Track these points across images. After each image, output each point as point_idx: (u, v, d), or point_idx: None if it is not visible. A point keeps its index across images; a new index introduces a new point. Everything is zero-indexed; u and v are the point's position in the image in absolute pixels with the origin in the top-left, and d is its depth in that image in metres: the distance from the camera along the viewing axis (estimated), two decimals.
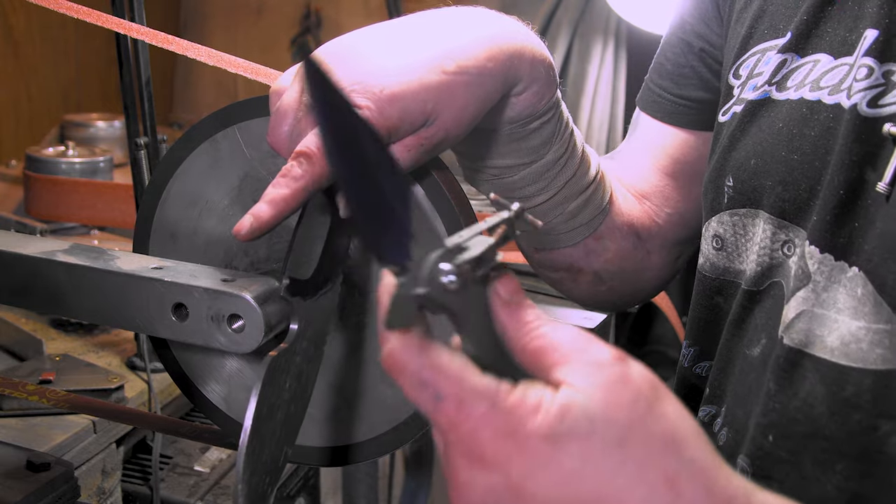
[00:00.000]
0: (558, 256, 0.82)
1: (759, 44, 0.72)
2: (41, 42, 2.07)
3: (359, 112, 0.51)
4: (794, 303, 0.64)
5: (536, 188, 0.75)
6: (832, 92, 0.65)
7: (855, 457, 0.60)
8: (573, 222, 0.79)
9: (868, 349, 0.59)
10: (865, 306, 0.60)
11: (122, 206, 1.47)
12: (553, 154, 0.73)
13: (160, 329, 0.62)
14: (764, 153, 0.68)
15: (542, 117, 0.70)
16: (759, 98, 0.70)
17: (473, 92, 0.61)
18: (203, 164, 0.69)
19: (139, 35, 0.78)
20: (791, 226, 0.66)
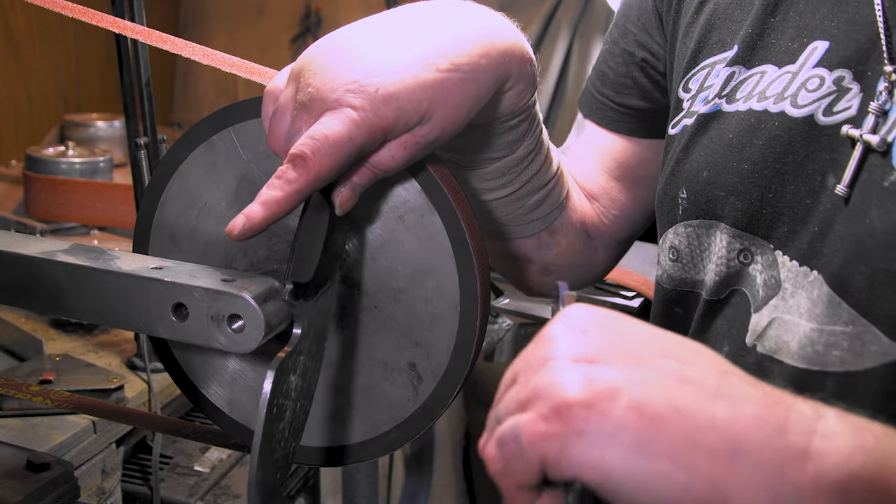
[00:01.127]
0: (512, 246, 0.84)
1: (708, 58, 0.73)
2: (41, 42, 2.07)
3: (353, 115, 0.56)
4: (766, 311, 0.65)
5: (503, 181, 0.76)
6: (777, 101, 0.66)
7: None
8: (531, 215, 0.80)
9: (824, 351, 0.60)
10: (818, 307, 0.61)
11: (122, 206, 1.47)
12: (523, 149, 0.74)
13: (160, 329, 0.62)
14: (715, 164, 0.69)
15: (521, 115, 0.71)
16: (709, 111, 0.71)
17: (468, 89, 0.61)
18: (201, 165, 0.69)
19: (138, 35, 0.78)
20: (746, 234, 0.67)
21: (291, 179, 0.57)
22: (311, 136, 0.57)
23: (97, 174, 1.64)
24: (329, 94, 0.58)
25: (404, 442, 0.69)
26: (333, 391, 0.69)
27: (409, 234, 0.65)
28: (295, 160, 0.57)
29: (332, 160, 0.57)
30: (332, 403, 0.69)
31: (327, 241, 0.61)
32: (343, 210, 0.61)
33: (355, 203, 0.61)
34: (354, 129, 0.57)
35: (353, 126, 0.57)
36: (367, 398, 0.68)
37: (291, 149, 0.58)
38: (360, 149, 0.58)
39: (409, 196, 0.65)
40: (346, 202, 0.61)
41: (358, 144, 0.57)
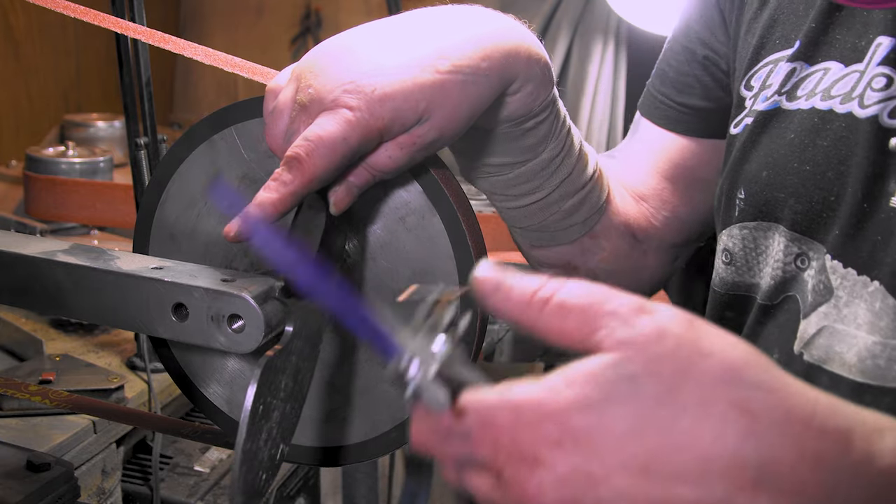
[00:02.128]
0: (554, 254, 0.82)
1: (771, 54, 0.71)
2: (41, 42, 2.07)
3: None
4: (814, 318, 0.63)
5: (531, 186, 0.75)
6: (844, 101, 0.64)
7: None
8: (568, 220, 0.79)
9: (886, 366, 0.58)
10: (882, 321, 0.59)
11: (122, 206, 1.46)
12: (549, 153, 0.73)
13: (160, 329, 0.62)
14: (776, 165, 0.67)
15: (538, 116, 0.70)
16: (769, 109, 0.69)
17: (468, 91, 0.61)
18: (202, 165, 0.69)
19: (139, 35, 0.78)
20: (804, 238, 0.65)
21: (287, 181, 0.57)
22: (306, 138, 0.57)
23: (97, 174, 1.64)
24: (327, 94, 0.58)
25: (404, 442, 0.69)
26: (332, 391, 0.69)
27: (409, 235, 0.65)
28: (290, 162, 0.57)
29: (327, 161, 0.57)
30: (332, 403, 0.69)
31: (323, 241, 0.61)
32: (338, 210, 0.61)
33: (350, 203, 0.61)
34: (349, 129, 0.57)
35: (347, 126, 0.57)
36: (367, 399, 0.68)
37: (288, 150, 0.58)
38: (355, 149, 0.58)
39: (411, 197, 0.65)
40: (341, 202, 0.60)
41: (353, 145, 0.57)
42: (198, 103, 2.63)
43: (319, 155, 0.56)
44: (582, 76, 2.29)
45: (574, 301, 0.42)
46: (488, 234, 0.74)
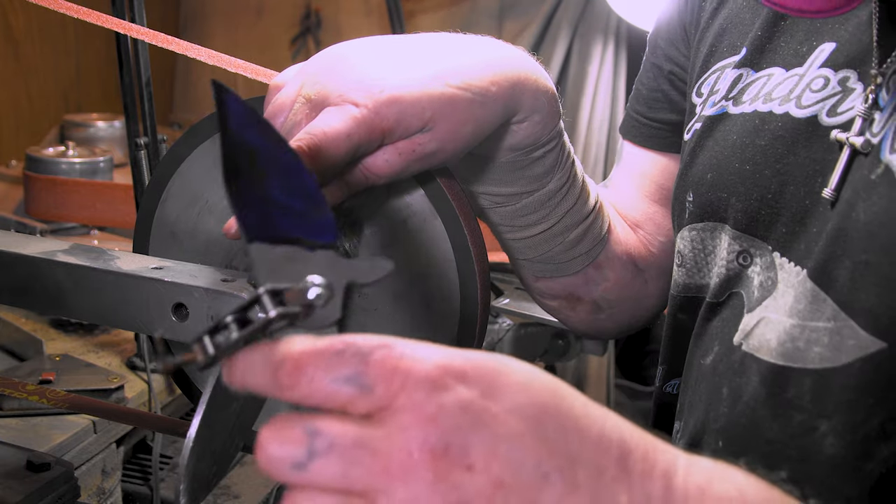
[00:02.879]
0: (558, 285, 0.83)
1: (719, 61, 0.73)
2: (41, 42, 2.07)
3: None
4: (758, 311, 0.65)
5: (538, 217, 0.75)
6: (782, 102, 0.66)
7: (797, 459, 0.60)
8: (573, 251, 0.79)
9: (805, 347, 0.60)
10: (800, 303, 0.61)
11: (122, 206, 1.46)
12: (555, 183, 0.74)
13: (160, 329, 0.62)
14: (719, 166, 0.69)
15: (545, 146, 0.71)
16: (716, 114, 0.71)
17: (474, 111, 0.61)
18: (203, 163, 0.69)
19: (139, 35, 0.78)
20: (746, 236, 0.67)
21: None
22: (309, 131, 0.57)
23: (97, 174, 1.64)
24: (334, 90, 0.59)
25: None
26: None
27: (411, 237, 0.65)
28: None
29: (328, 156, 0.57)
30: None
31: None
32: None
33: (338, 202, 0.61)
34: (354, 125, 0.57)
35: (352, 123, 0.57)
36: None
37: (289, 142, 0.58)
38: (357, 147, 0.58)
39: (413, 200, 0.65)
40: (333, 196, 0.60)
41: (355, 142, 0.57)
42: (198, 103, 2.63)
43: (322, 149, 0.56)
44: (582, 76, 2.29)
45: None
46: (489, 236, 0.74)
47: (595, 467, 0.38)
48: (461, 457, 0.36)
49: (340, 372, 0.38)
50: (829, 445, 0.58)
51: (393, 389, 0.37)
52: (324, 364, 0.38)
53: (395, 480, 0.36)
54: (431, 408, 0.37)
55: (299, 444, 0.37)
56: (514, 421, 0.38)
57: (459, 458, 0.36)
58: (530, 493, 0.37)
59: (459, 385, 0.38)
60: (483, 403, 0.38)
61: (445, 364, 0.38)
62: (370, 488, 0.36)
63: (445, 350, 0.39)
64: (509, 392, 0.38)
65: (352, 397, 0.38)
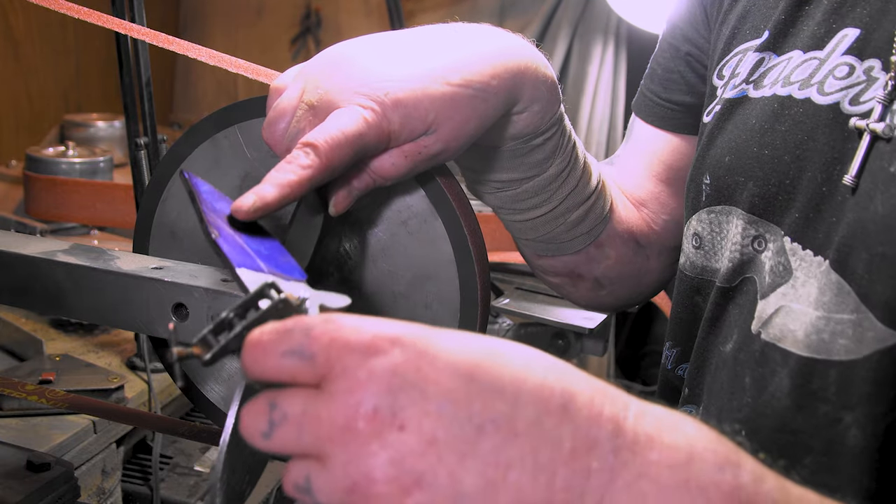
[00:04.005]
0: (559, 263, 0.83)
1: (741, 44, 0.73)
2: (41, 42, 2.07)
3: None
4: (773, 298, 0.64)
5: (538, 200, 0.75)
6: (802, 87, 0.65)
7: (821, 450, 0.60)
8: (575, 231, 0.79)
9: (830, 340, 0.60)
10: (825, 296, 0.60)
11: (122, 206, 1.47)
12: (555, 168, 0.74)
13: (160, 329, 0.62)
14: (737, 150, 0.69)
15: (545, 133, 0.71)
16: (736, 97, 0.71)
17: (476, 107, 0.62)
18: (204, 163, 0.69)
19: (139, 35, 0.78)
20: (761, 221, 0.66)
21: (305, 165, 0.57)
22: (325, 129, 0.57)
23: (97, 174, 1.64)
24: (338, 95, 0.59)
25: None
26: None
27: (411, 238, 0.65)
28: (308, 147, 0.57)
29: (344, 153, 0.57)
30: None
31: (321, 241, 0.61)
32: (337, 211, 0.61)
33: (349, 206, 0.61)
34: (366, 127, 0.57)
35: (364, 125, 0.57)
36: None
37: (304, 138, 0.57)
38: (366, 148, 0.58)
39: (413, 201, 0.65)
40: (341, 203, 0.61)
41: (366, 143, 0.58)
42: (198, 103, 2.63)
43: (339, 146, 0.56)
44: (582, 76, 2.29)
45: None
46: (489, 235, 0.74)
47: (535, 415, 0.39)
48: (392, 417, 0.39)
49: (287, 346, 0.41)
50: (852, 437, 0.59)
51: (331, 358, 0.40)
52: (275, 341, 0.41)
53: (335, 444, 0.39)
54: (363, 373, 0.39)
55: (263, 416, 0.41)
56: (445, 379, 0.39)
57: (390, 419, 0.39)
58: (465, 446, 0.38)
59: (394, 349, 0.40)
60: (415, 364, 0.40)
61: (379, 332, 0.41)
62: (320, 452, 0.40)
63: (385, 321, 0.41)
64: (442, 354, 0.40)
65: (297, 369, 0.41)
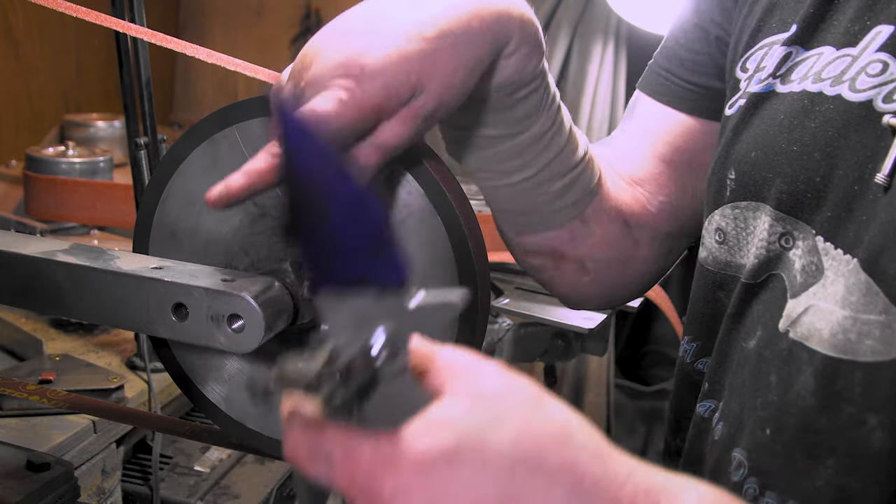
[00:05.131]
0: (542, 239, 0.81)
1: (767, 37, 0.71)
2: (41, 42, 2.07)
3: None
4: (804, 298, 0.63)
5: (521, 162, 0.74)
6: (834, 83, 0.64)
7: (845, 451, 0.59)
8: (558, 202, 0.77)
9: (856, 340, 0.59)
10: (853, 295, 0.59)
11: (122, 206, 1.46)
12: (539, 127, 0.72)
13: (160, 329, 0.62)
14: (765, 145, 0.68)
15: (529, 85, 0.69)
16: (762, 91, 0.69)
17: (460, 54, 0.61)
18: (203, 163, 0.69)
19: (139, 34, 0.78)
20: (789, 218, 0.66)
21: (274, 152, 0.58)
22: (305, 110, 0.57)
23: (97, 174, 1.64)
24: (320, 80, 0.59)
25: None
26: None
27: (410, 237, 0.65)
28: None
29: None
30: None
31: None
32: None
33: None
34: (342, 107, 0.57)
35: (340, 105, 0.57)
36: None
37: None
38: (350, 128, 0.58)
39: (412, 199, 0.65)
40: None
41: (346, 123, 0.58)
42: (198, 103, 2.63)
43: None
44: (582, 76, 2.29)
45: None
46: (488, 235, 0.73)
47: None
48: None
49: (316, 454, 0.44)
50: (877, 439, 0.58)
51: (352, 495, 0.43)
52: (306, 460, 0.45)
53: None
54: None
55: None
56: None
57: None
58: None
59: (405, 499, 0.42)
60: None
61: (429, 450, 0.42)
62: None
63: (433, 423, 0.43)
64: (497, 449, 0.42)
65: (321, 472, 0.44)
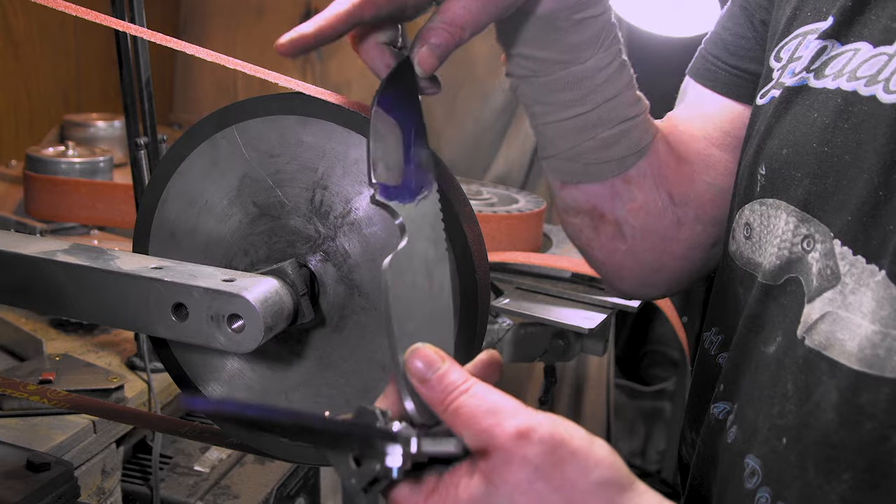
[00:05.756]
0: (582, 194, 0.80)
1: (802, 26, 0.70)
2: (41, 42, 2.07)
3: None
4: (819, 303, 0.62)
5: (572, 96, 0.73)
6: (869, 83, 0.62)
7: (864, 467, 0.58)
8: (604, 153, 0.77)
9: (885, 356, 0.57)
10: (884, 310, 0.57)
11: (122, 206, 1.47)
12: (594, 62, 0.72)
13: (160, 329, 0.62)
14: (796, 143, 0.66)
15: (588, 10, 0.70)
16: (796, 85, 0.68)
17: None
18: (202, 163, 0.69)
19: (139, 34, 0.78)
20: (813, 220, 0.64)
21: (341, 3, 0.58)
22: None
23: (97, 174, 1.64)
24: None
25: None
26: (332, 392, 0.69)
27: None
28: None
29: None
30: (334, 404, 0.69)
31: (409, 149, 0.61)
32: (426, 70, 0.61)
33: (437, 65, 0.61)
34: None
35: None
36: (367, 399, 0.68)
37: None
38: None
39: None
40: (427, 62, 0.61)
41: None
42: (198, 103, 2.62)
43: None
44: None
45: (465, 410, 0.52)
46: (489, 235, 0.73)
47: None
48: None
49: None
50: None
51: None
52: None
53: None
54: None
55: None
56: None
57: None
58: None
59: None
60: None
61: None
62: None
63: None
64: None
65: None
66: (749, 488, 0.64)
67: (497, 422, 0.51)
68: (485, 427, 0.51)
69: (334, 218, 0.66)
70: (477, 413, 0.51)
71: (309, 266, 0.67)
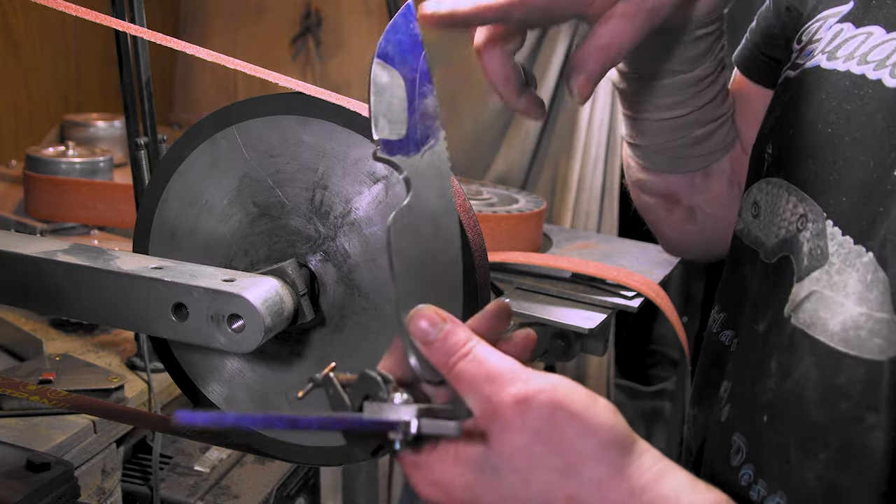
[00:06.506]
0: (662, 181, 0.82)
1: (826, 9, 0.71)
2: (41, 42, 2.07)
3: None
4: (807, 283, 0.62)
5: (673, 101, 0.74)
6: (878, 67, 0.63)
7: (838, 447, 0.59)
8: (693, 150, 0.78)
9: (866, 337, 0.58)
10: (872, 293, 0.58)
11: (122, 206, 1.46)
12: (702, 71, 0.73)
13: (160, 329, 0.62)
14: (802, 123, 0.67)
15: (709, 26, 0.70)
16: (809, 66, 0.69)
17: None
18: (202, 163, 0.69)
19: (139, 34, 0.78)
20: (810, 200, 0.64)
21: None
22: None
23: (97, 174, 1.64)
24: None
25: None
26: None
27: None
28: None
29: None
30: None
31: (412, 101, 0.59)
32: (583, 98, 0.61)
33: (592, 91, 0.62)
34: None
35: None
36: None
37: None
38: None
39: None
40: (585, 89, 0.61)
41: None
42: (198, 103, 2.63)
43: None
44: None
45: (465, 377, 0.52)
46: (488, 235, 0.73)
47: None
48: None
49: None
50: (875, 439, 0.57)
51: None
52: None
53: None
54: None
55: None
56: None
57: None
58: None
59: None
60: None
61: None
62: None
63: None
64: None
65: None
66: (734, 465, 0.65)
67: (495, 390, 0.51)
68: (485, 395, 0.51)
69: (334, 218, 0.66)
70: (476, 380, 0.52)
71: (309, 266, 0.67)
